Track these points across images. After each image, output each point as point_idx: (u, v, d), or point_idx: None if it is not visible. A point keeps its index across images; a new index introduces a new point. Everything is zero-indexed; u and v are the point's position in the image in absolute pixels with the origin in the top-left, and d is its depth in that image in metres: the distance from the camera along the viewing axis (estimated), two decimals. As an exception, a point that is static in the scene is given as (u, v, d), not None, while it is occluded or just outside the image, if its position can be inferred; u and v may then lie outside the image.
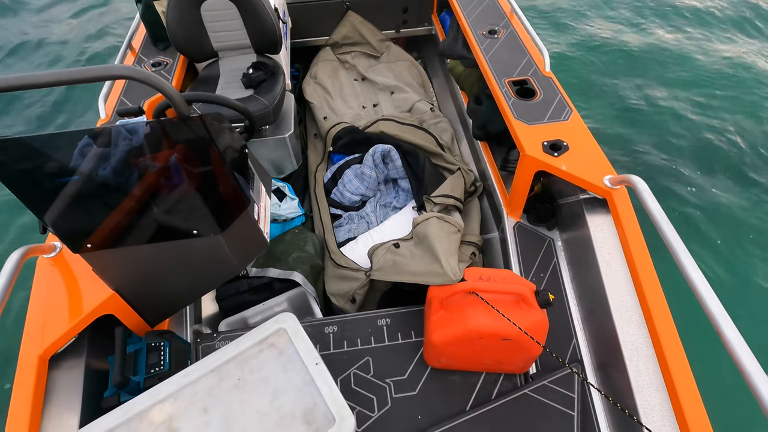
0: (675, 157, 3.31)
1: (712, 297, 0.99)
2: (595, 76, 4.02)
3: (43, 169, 0.99)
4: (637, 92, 3.86)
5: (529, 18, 4.45)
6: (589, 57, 4.23)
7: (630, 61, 4.22)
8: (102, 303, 1.26)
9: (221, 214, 1.14)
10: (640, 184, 1.31)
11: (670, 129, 3.52)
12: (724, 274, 2.59)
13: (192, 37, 1.95)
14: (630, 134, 3.49)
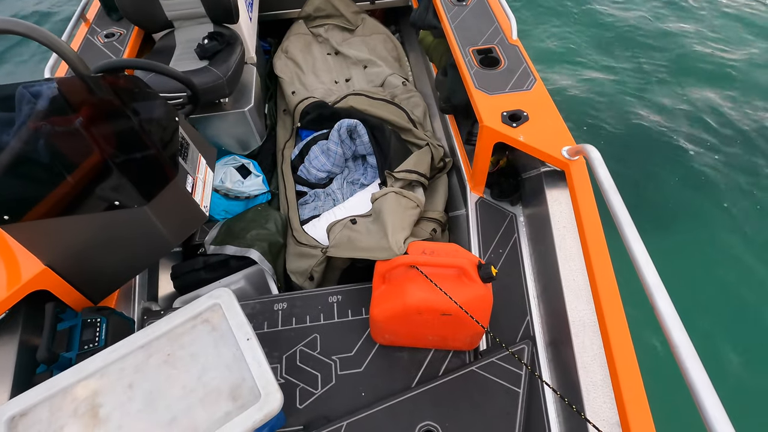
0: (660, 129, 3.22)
1: (650, 268, 0.94)
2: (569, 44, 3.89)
3: None
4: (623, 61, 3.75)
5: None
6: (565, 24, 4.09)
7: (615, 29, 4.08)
8: (34, 278, 1.22)
9: (144, 184, 1.08)
10: (593, 152, 1.24)
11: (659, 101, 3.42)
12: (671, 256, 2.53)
13: (141, 6, 1.87)
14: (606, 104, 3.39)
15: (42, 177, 1.01)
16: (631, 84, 3.59)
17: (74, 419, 1.03)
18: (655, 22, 4.22)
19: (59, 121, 0.92)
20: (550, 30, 4.14)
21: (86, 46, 1.92)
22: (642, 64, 3.76)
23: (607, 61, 3.82)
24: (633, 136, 3.22)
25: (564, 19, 4.27)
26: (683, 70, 3.69)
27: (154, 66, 1.25)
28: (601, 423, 1.06)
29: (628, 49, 3.91)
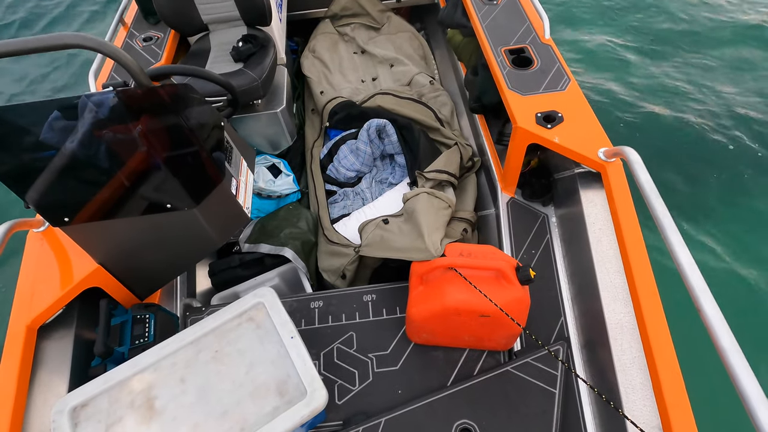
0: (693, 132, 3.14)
1: (695, 273, 0.94)
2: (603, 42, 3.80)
3: (15, 143, 0.99)
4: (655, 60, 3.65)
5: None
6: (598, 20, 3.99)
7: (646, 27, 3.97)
8: (88, 276, 1.29)
9: (194, 187, 1.13)
10: (632, 155, 1.24)
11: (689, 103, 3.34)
12: (717, 257, 2.47)
13: (179, 9, 1.92)
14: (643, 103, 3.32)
15: (101, 181, 1.06)
16: (671, 82, 3.50)
17: (131, 410, 1.09)
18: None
19: (119, 129, 0.97)
20: (588, 27, 4.07)
21: (126, 49, 1.98)
22: (685, 61, 3.66)
23: (642, 58, 3.72)
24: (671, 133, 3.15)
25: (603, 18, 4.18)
26: (728, 65, 3.57)
27: (201, 72, 1.29)
28: (641, 425, 1.07)
29: (670, 46, 3.80)
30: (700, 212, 2.70)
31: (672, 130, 3.18)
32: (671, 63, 3.66)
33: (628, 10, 4.19)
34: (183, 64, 1.97)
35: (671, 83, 3.49)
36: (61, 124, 0.98)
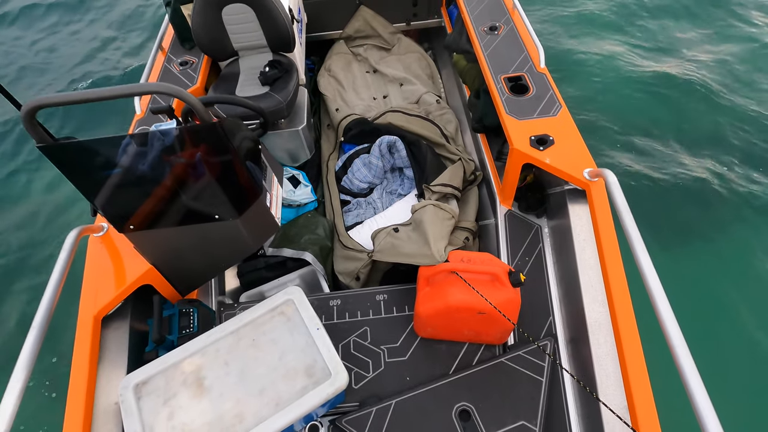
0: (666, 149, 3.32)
1: (654, 277, 1.14)
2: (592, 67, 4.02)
3: (95, 164, 1.21)
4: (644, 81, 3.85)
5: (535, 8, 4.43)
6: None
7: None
8: (142, 274, 1.51)
9: (238, 201, 1.35)
10: (610, 177, 1.44)
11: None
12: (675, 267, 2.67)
13: (214, 38, 2.15)
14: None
15: (164, 196, 1.28)
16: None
17: (184, 388, 1.31)
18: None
19: (183, 154, 1.19)
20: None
21: (165, 72, 2.22)
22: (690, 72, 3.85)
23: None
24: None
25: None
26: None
27: (240, 101, 1.52)
28: (613, 407, 1.27)
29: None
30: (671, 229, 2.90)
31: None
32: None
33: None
34: (215, 86, 2.20)
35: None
36: (133, 149, 1.20)
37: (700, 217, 2.95)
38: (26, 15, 5.46)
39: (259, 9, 2.08)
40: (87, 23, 5.30)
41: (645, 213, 2.81)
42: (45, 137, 1.11)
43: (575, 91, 3.83)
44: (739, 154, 3.30)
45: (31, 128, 1.08)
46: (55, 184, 3.43)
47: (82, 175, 1.22)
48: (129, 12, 5.40)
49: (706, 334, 2.35)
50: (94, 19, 5.35)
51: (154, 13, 5.31)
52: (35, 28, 5.25)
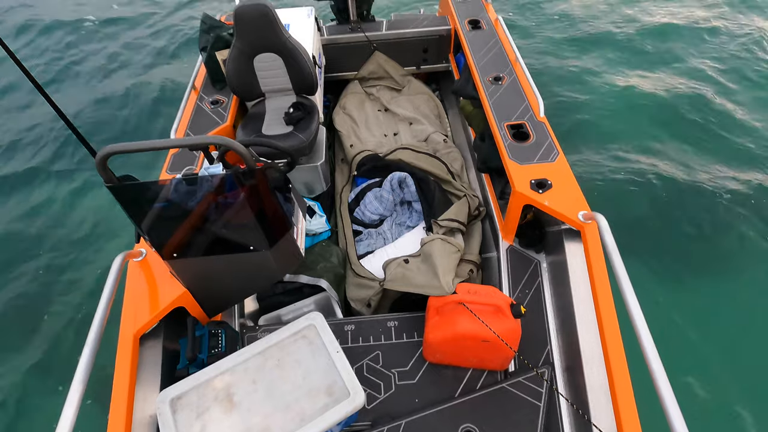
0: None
1: (639, 314, 1.30)
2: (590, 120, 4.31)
3: (150, 200, 1.39)
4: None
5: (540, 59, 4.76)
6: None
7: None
8: (177, 297, 1.66)
9: (271, 234, 1.52)
10: (602, 221, 1.61)
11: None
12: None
13: (245, 82, 2.38)
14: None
15: (206, 229, 1.46)
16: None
17: (215, 403, 1.44)
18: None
19: (229, 195, 1.37)
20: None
21: (197, 109, 2.43)
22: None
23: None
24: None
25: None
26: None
27: (273, 144, 1.71)
28: (603, 429, 1.40)
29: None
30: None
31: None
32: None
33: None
34: (243, 125, 2.41)
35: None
36: (184, 188, 1.38)
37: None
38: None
39: (287, 57, 2.31)
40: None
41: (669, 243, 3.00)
42: (112, 178, 1.29)
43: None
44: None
45: (102, 171, 1.27)
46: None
47: (137, 209, 1.40)
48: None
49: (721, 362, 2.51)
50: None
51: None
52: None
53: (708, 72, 4.70)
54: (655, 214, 3.40)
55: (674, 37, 5.26)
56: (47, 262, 3.36)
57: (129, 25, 6.32)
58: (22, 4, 6.96)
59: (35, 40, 6.16)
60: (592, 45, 5.28)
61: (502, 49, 2.67)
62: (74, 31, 6.23)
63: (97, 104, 4.93)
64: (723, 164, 3.75)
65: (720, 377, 2.52)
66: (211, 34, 2.41)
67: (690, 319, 2.76)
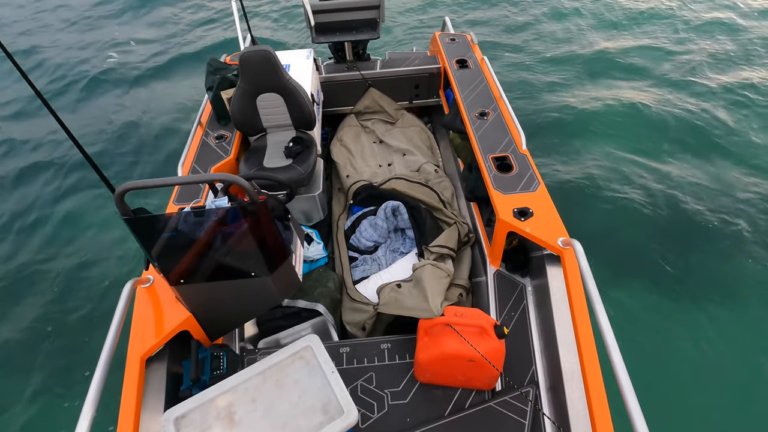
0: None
1: (610, 335, 1.41)
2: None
3: (161, 231, 1.52)
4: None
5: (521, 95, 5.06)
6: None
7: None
8: (182, 321, 1.77)
9: (271, 262, 1.64)
10: (577, 246, 1.74)
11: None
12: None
13: (248, 119, 2.56)
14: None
15: (212, 257, 1.58)
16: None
17: (217, 421, 1.53)
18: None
19: (233, 225, 1.50)
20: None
21: (203, 144, 2.60)
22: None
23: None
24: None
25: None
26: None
27: (274, 178, 1.86)
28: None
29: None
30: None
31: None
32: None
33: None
34: (246, 158, 2.57)
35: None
36: (192, 219, 1.52)
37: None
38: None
39: (288, 96, 2.50)
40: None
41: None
42: (128, 211, 1.43)
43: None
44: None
45: (120, 205, 1.40)
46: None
47: (149, 239, 1.53)
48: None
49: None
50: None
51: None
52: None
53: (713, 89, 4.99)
54: (653, 233, 3.57)
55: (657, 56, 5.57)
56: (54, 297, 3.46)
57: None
58: (34, 46, 7.29)
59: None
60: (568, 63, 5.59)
61: (488, 87, 2.87)
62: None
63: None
64: (732, 177, 3.96)
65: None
66: (217, 75, 2.61)
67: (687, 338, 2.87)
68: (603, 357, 1.57)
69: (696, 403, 2.62)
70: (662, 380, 2.70)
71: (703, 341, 2.91)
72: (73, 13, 8.14)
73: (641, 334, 2.93)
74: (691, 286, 3.23)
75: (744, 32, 6.03)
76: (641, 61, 5.60)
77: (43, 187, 4.54)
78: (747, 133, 4.45)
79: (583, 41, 6.13)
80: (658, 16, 6.58)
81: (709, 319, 3.03)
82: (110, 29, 7.56)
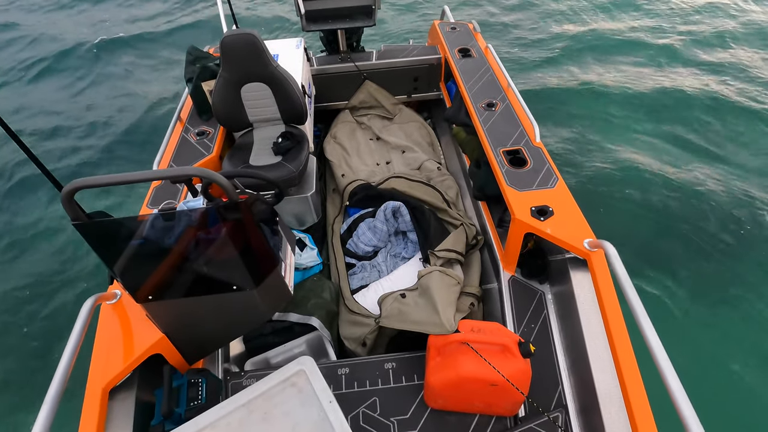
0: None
1: (662, 351, 1.18)
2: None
3: (123, 238, 1.27)
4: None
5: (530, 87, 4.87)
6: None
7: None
8: (153, 344, 1.51)
9: (256, 272, 1.39)
10: (610, 249, 1.52)
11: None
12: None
13: (232, 112, 2.31)
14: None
15: (185, 268, 1.33)
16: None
17: (193, 466, 1.27)
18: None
19: (210, 231, 1.26)
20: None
21: (182, 142, 2.34)
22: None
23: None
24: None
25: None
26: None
27: (259, 175, 1.61)
28: None
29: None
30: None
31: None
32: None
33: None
34: (230, 155, 2.32)
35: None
36: (161, 224, 1.27)
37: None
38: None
39: (276, 86, 2.26)
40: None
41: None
42: (80, 215, 1.18)
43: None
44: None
45: (68, 206, 1.15)
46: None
47: (109, 249, 1.27)
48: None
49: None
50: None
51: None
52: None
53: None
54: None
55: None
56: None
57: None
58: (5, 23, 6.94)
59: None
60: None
61: (494, 76, 2.65)
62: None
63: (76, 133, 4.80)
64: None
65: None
66: (197, 65, 2.36)
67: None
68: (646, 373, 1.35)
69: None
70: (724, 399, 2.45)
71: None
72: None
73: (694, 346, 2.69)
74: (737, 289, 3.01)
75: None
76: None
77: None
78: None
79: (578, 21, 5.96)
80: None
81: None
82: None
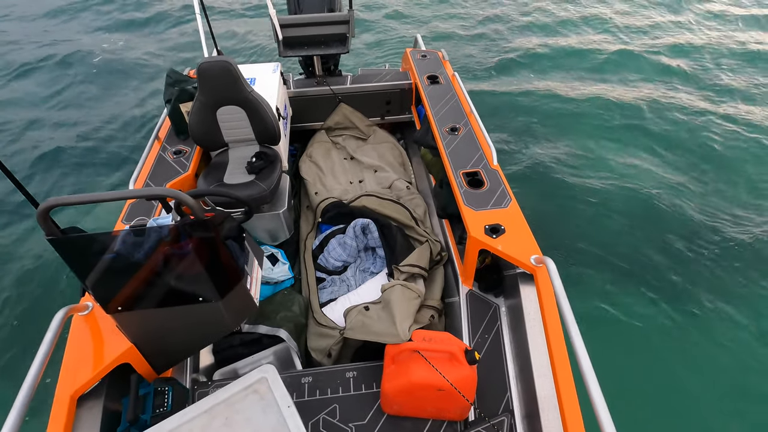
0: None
1: (585, 356, 1.32)
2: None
3: (95, 253, 1.36)
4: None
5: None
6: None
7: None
8: (122, 353, 1.58)
9: (221, 285, 1.49)
10: (550, 265, 1.67)
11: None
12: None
13: (208, 133, 2.42)
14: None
15: (154, 281, 1.42)
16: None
17: (155, 469, 1.34)
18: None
19: (177, 246, 1.36)
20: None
21: (159, 160, 2.44)
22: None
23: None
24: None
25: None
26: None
27: (228, 194, 1.72)
28: None
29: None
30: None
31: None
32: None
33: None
34: (206, 173, 2.43)
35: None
36: (131, 239, 1.36)
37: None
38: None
39: (250, 110, 2.38)
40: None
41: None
42: (54, 231, 1.27)
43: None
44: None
45: (43, 223, 1.24)
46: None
47: (81, 263, 1.36)
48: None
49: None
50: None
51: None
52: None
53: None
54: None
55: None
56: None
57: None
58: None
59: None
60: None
61: (459, 102, 2.83)
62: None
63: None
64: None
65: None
66: (176, 87, 2.48)
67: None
68: (580, 382, 1.48)
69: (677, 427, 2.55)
70: (642, 407, 2.62)
71: (692, 361, 2.86)
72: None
73: (622, 357, 2.86)
74: (676, 302, 3.20)
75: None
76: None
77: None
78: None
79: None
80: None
81: (694, 343, 2.99)
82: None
